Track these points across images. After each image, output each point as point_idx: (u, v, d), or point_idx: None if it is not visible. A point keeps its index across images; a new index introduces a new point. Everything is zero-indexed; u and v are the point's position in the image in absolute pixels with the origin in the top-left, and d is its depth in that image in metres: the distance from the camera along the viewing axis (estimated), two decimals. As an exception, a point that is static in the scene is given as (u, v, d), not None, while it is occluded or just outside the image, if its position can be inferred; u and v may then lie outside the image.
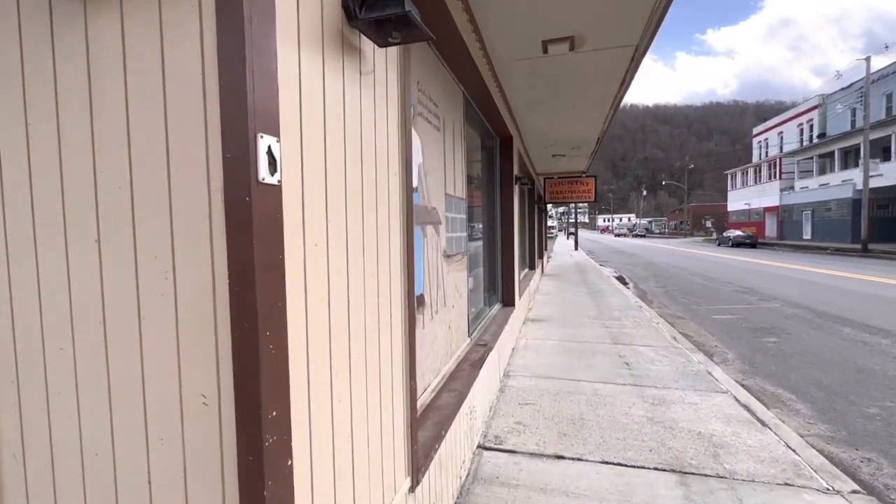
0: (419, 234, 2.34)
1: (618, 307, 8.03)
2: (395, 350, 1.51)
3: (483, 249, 5.17)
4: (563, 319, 7.04)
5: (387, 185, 1.45)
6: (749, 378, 4.63)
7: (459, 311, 3.24)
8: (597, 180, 10.47)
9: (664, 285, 11.98)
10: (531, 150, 7.28)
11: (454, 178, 3.12)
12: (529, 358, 4.95)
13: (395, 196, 1.52)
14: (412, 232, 1.66)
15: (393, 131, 1.52)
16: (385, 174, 1.43)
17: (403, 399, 1.59)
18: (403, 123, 1.59)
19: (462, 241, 3.35)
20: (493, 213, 5.27)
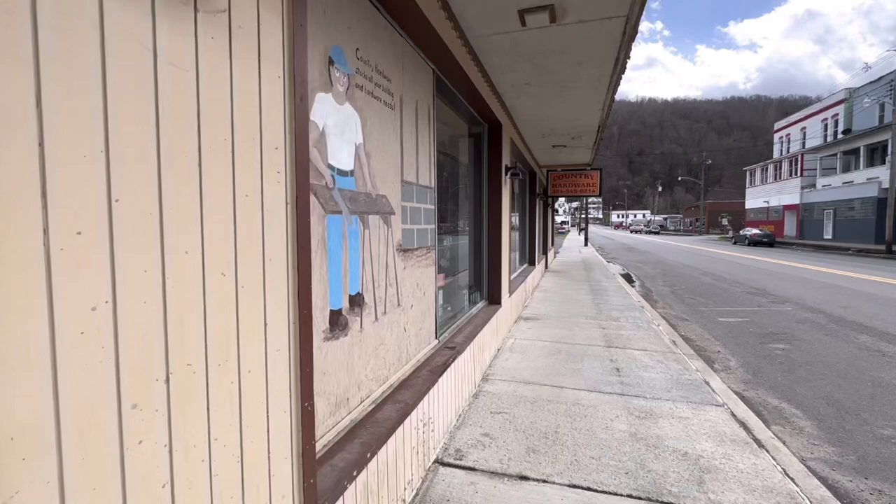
0: (357, 225, 2.05)
1: (618, 307, 7.65)
2: (273, 365, 1.22)
3: (468, 243, 4.87)
4: (558, 318, 6.69)
5: (256, 163, 1.15)
6: (751, 389, 4.26)
7: (422, 310, 2.94)
8: (602, 173, 10.02)
9: (672, 284, 11.51)
10: (528, 139, 6.91)
11: (417, 163, 2.81)
12: (513, 360, 4.64)
13: (273, 176, 1.22)
14: (307, 219, 1.36)
15: (272, 97, 1.21)
16: (251, 149, 1.13)
17: (291, 426, 1.30)
18: (292, 89, 1.29)
19: (428, 234, 3.05)
20: (480, 205, 4.95)
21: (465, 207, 4.91)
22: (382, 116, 2.30)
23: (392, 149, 2.43)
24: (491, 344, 4.56)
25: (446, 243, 4.16)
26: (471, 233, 4.98)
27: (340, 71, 1.89)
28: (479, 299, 4.89)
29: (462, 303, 4.28)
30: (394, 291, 2.48)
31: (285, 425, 1.28)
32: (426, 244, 3.01)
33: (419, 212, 2.88)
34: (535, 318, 6.75)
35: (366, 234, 2.15)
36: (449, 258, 4.31)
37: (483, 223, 4.96)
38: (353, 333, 2.03)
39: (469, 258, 4.96)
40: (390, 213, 2.42)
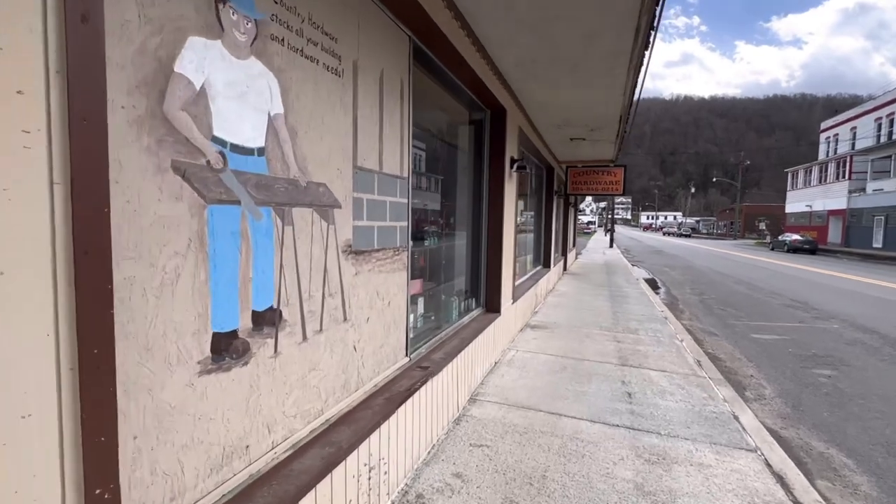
0: (270, 220, 1.57)
1: (638, 317, 6.96)
2: (18, 440, 0.76)
3: (466, 244, 4.36)
4: (569, 328, 6.09)
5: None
6: (790, 427, 3.59)
7: (386, 323, 2.46)
8: (626, 171, 9.27)
9: (701, 293, 10.63)
10: (542, 130, 6.30)
11: (381, 147, 2.32)
12: (510, 377, 4.10)
13: (15, 139, 0.75)
14: (102, 209, 0.89)
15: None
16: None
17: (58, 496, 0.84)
18: (62, 2, 0.81)
19: (397, 233, 2.56)
20: (479, 202, 4.42)
21: (463, 204, 4.40)
22: (322, 83, 1.82)
23: (338, 126, 1.94)
24: (484, 358, 4.04)
25: (432, 243, 3.66)
26: (468, 232, 4.46)
27: (239, 13, 1.41)
28: (475, 307, 4.37)
29: (450, 312, 3.77)
30: (337, 303, 2.00)
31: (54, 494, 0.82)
32: (394, 245, 2.52)
33: (383, 206, 2.39)
34: (543, 326, 6.17)
35: (287, 232, 1.67)
36: (436, 261, 3.82)
37: (483, 222, 4.43)
38: (262, 361, 1.56)
39: (466, 261, 4.45)
40: (332, 207, 1.94)
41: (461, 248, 4.47)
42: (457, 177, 4.29)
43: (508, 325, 5.02)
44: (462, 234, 4.47)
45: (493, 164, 4.39)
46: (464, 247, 4.49)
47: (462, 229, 4.48)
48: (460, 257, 4.42)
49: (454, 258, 4.32)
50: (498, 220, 4.43)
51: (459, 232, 4.46)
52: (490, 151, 4.39)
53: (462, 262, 4.43)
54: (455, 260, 4.33)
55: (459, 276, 4.36)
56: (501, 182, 4.39)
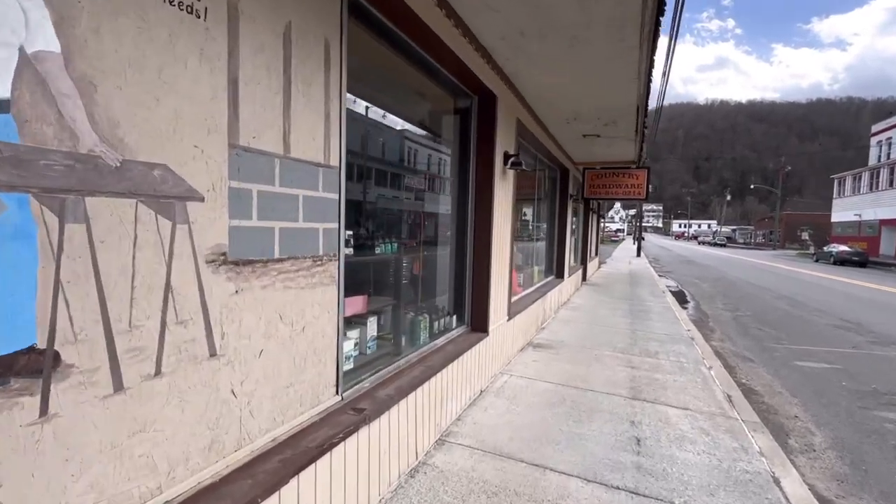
0: (21, 214, 1.02)
1: (660, 336, 6.14)
2: None
3: (448, 252, 3.76)
4: (577, 348, 5.36)
5: None
6: (850, 497, 2.78)
7: (297, 356, 1.88)
8: (649, 173, 8.42)
9: (734, 308, 9.60)
10: (550, 124, 5.62)
11: (285, 124, 1.76)
12: (494, 412, 3.44)
13: None
14: None
15: None
16: None
17: None
18: None
19: (320, 238, 1.98)
20: (464, 204, 3.81)
21: (445, 205, 3.80)
22: (157, 21, 1.27)
23: (194, 86, 1.38)
24: (463, 388, 3.40)
25: (388, 251, 3.07)
26: (452, 238, 3.85)
27: None
28: (456, 326, 3.74)
29: (417, 334, 3.16)
30: (195, 333, 1.43)
31: None
32: (315, 252, 1.95)
33: (292, 201, 1.82)
34: (548, 345, 5.45)
35: (75, 235, 1.12)
36: (399, 272, 3.23)
37: (468, 226, 3.82)
38: (8, 432, 1.01)
39: (447, 272, 3.84)
40: (183, 199, 1.37)
41: (442, 257, 3.86)
42: (438, 173, 3.70)
43: (501, 345, 4.36)
44: (444, 240, 3.87)
45: (481, 158, 3.77)
46: (446, 255, 3.88)
47: (444, 235, 3.88)
48: (439, 268, 3.82)
49: (429, 269, 3.72)
50: (485, 225, 3.80)
51: (441, 237, 3.85)
52: (477, 144, 3.78)
53: (441, 273, 3.82)
54: (430, 271, 3.73)
55: (435, 289, 3.76)
56: (490, 180, 3.76)
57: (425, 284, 3.65)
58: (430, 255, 3.75)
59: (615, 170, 8.55)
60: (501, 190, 4.05)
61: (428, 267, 3.67)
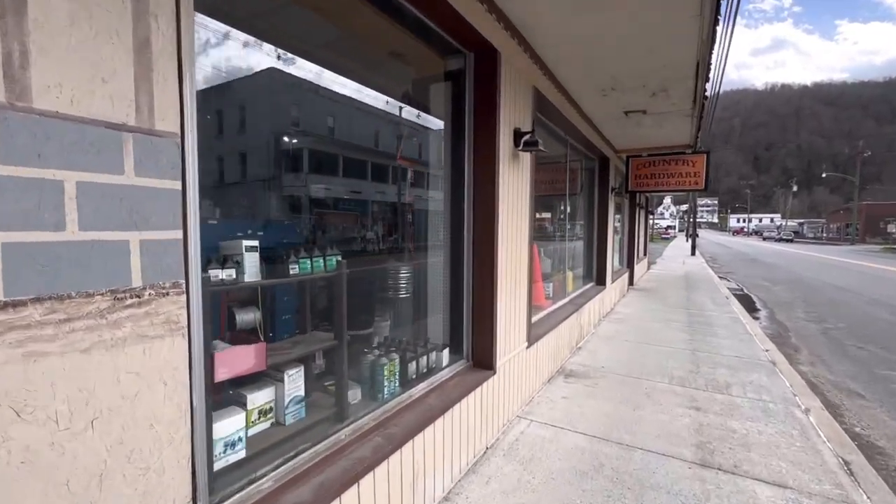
0: None
1: (730, 359, 4.87)
2: None
3: (440, 261, 2.84)
4: (621, 378, 4.25)
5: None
6: None
7: (68, 475, 1.03)
8: (709, 158, 7.04)
9: (820, 319, 7.95)
10: (581, 98, 4.51)
11: (22, 39, 0.91)
12: (499, 486, 2.47)
13: None
14: None
15: None
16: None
17: None
18: None
19: (134, 257, 1.13)
20: (459, 197, 2.86)
21: (435, 200, 2.89)
22: None
23: None
24: (454, 454, 2.45)
25: (322, 269, 2.18)
26: (442, 245, 2.92)
27: None
28: (449, 362, 2.79)
29: (378, 384, 2.23)
30: None
31: None
32: (120, 285, 1.09)
33: (48, 193, 0.97)
34: (583, 373, 4.37)
35: None
36: (365, 292, 2.34)
37: (464, 228, 2.87)
38: None
39: (438, 290, 2.92)
40: None
41: (432, 268, 2.94)
42: (419, 158, 2.79)
43: (517, 382, 3.36)
44: (433, 245, 2.95)
45: (480, 135, 2.82)
46: (437, 267, 2.95)
47: (433, 239, 2.96)
48: (425, 284, 2.90)
49: (409, 286, 2.81)
50: (487, 225, 2.83)
51: (429, 243, 2.94)
52: (474, 117, 2.82)
53: (428, 291, 2.91)
54: (412, 288, 2.82)
55: (419, 314, 2.84)
56: (493, 164, 2.79)
57: (403, 308, 2.75)
58: (410, 267, 2.85)
59: (665, 156, 7.24)
60: (511, 177, 3.07)
61: (407, 284, 2.77)
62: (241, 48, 2.60)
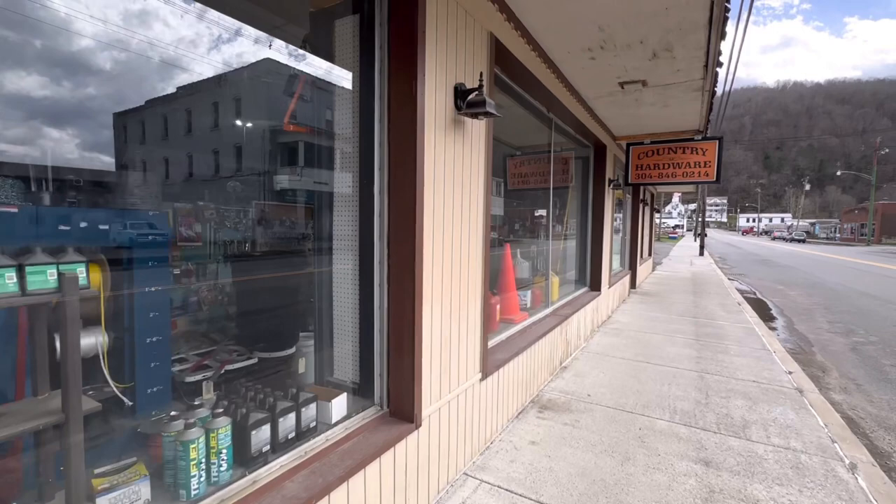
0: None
1: (746, 384, 3.98)
2: None
3: (348, 268, 2.01)
4: (611, 413, 3.38)
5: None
6: None
7: None
8: (721, 146, 6.11)
9: (847, 330, 7.00)
10: (558, 52, 3.50)
11: None
12: None
13: None
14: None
15: None
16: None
17: None
18: None
19: None
20: (368, 179, 2.02)
21: (344, 187, 2.05)
22: None
23: None
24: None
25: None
26: (349, 245, 2.08)
27: None
28: (345, 414, 1.94)
29: (191, 473, 1.39)
30: None
31: None
32: None
33: None
34: (563, 405, 3.51)
35: None
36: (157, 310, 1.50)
37: (375, 223, 2.02)
38: None
39: (344, 309, 2.08)
40: None
41: (336, 275, 2.11)
42: (321, 125, 1.96)
43: (463, 431, 2.51)
44: (341, 246, 2.11)
45: (395, 91, 1.96)
46: (341, 274, 2.11)
47: (341, 237, 2.12)
48: (322, 299, 2.07)
49: (297, 302, 1.98)
50: (406, 215, 1.97)
51: (337, 243, 2.10)
52: (389, 64, 1.97)
53: (327, 309, 2.07)
54: (298, 306, 1.99)
55: (300, 343, 2.02)
56: (413, 133, 1.94)
57: (283, 334, 1.92)
58: (304, 276, 2.01)
59: (671, 143, 6.33)
60: (452, 152, 2.22)
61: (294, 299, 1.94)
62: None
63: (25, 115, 2.07)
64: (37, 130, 2.08)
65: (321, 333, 2.21)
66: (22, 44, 1.88)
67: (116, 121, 2.62)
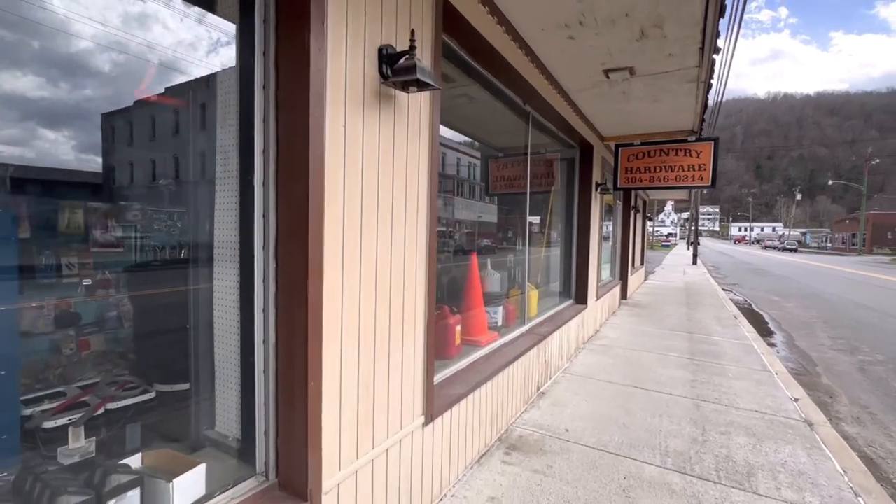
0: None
1: (748, 416, 3.46)
2: None
3: (226, 286, 1.42)
4: (590, 459, 2.84)
5: None
6: None
7: None
8: (717, 147, 5.66)
9: (851, 347, 6.53)
10: (528, 25, 3.00)
11: None
12: None
13: None
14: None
15: None
16: None
17: None
18: None
19: None
20: (247, 167, 1.48)
21: (228, 181, 1.49)
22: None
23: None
24: None
25: None
26: (228, 256, 1.53)
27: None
28: (204, 493, 1.38)
29: None
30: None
31: None
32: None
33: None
34: (535, 445, 2.96)
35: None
36: None
37: (256, 226, 1.48)
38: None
39: (218, 342, 1.52)
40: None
41: (216, 294, 1.57)
42: (196, 97, 1.43)
43: (394, 496, 1.95)
44: (222, 257, 1.57)
45: (285, 49, 1.43)
46: (222, 293, 1.57)
47: (222, 246, 1.58)
48: (190, 326, 1.55)
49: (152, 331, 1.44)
50: (298, 217, 1.44)
51: (218, 252, 1.56)
52: (277, 13, 1.44)
53: (192, 342, 1.56)
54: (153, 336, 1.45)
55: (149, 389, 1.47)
56: (306, 105, 1.40)
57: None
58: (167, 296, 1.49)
59: (663, 145, 5.87)
60: (377, 133, 1.70)
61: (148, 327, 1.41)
62: None
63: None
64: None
65: (198, 370, 1.67)
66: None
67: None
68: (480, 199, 5.68)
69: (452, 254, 4.57)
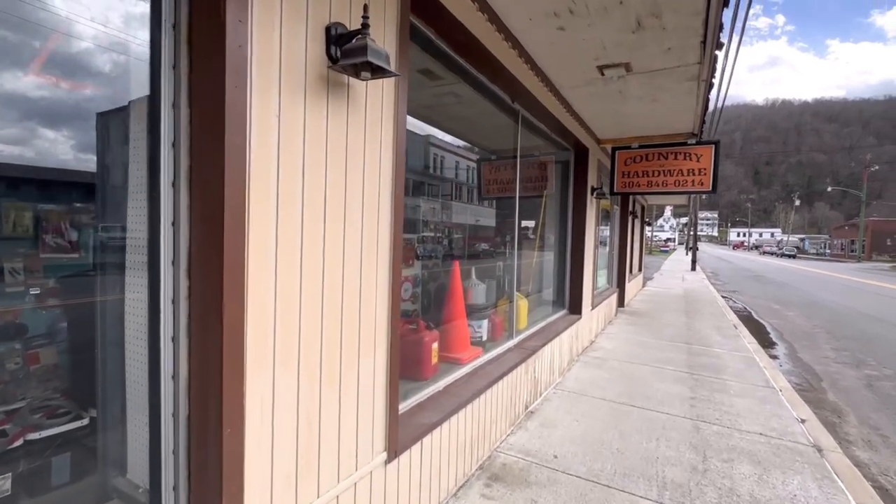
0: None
1: (753, 440, 3.19)
2: None
3: (128, 301, 1.11)
4: (580, 492, 2.57)
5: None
6: None
7: None
8: (717, 151, 5.41)
9: (857, 360, 6.27)
10: (511, 11, 2.79)
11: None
12: None
13: None
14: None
15: None
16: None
17: None
18: None
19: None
20: (154, 160, 1.21)
21: (139, 176, 1.21)
22: None
23: None
24: None
25: None
26: (135, 263, 1.25)
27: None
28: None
29: None
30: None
31: None
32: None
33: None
34: (519, 474, 2.69)
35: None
36: None
37: (163, 229, 1.21)
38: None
39: (120, 369, 1.24)
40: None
41: (123, 309, 1.29)
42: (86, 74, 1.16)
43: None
44: (135, 264, 1.30)
45: (199, 20, 1.17)
46: (130, 308, 1.30)
47: (135, 251, 1.31)
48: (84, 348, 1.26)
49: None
50: (213, 220, 1.17)
51: (131, 257, 1.30)
52: (185, -33, 1.18)
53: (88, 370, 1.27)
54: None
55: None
56: (222, 88, 1.14)
57: None
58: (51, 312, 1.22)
59: (661, 148, 5.63)
60: (318, 121, 1.45)
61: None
62: None
63: None
64: None
65: (105, 402, 1.40)
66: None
67: None
68: (469, 202, 5.42)
69: (430, 260, 4.30)
